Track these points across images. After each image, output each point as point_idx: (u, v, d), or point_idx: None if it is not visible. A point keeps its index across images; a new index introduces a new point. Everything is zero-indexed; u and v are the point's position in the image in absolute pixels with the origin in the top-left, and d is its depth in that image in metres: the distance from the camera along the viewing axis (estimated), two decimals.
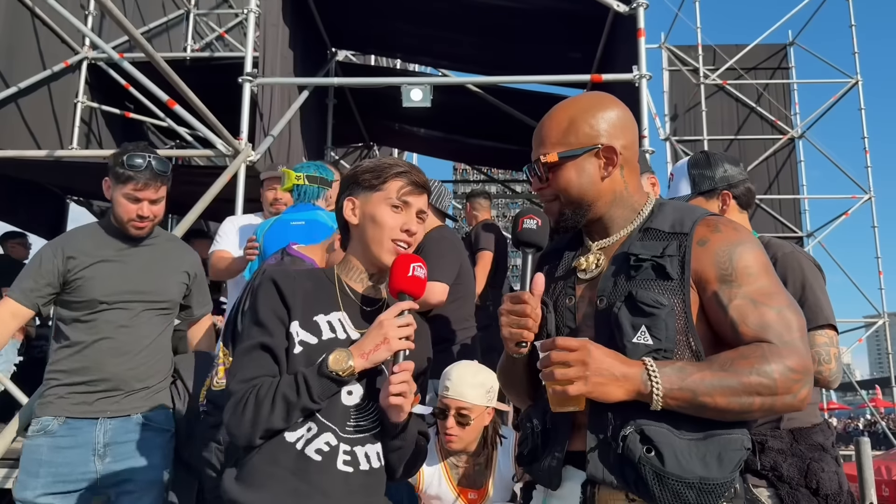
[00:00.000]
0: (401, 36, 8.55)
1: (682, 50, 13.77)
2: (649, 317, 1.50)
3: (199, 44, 10.90)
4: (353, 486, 1.72)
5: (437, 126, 9.90)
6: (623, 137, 1.68)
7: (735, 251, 1.55)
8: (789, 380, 1.44)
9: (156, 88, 6.24)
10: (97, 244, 2.95)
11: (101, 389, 2.85)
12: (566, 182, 1.66)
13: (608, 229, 1.69)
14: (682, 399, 1.44)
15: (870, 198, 12.89)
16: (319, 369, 1.69)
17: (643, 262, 1.56)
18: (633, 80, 6.20)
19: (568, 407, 1.48)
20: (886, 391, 22.62)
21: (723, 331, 1.54)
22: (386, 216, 1.83)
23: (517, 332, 1.56)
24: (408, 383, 1.69)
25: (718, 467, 1.43)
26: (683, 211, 1.67)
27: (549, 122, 1.72)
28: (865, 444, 3.84)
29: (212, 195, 5.63)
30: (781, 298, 1.54)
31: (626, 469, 1.45)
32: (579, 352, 1.44)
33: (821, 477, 2.21)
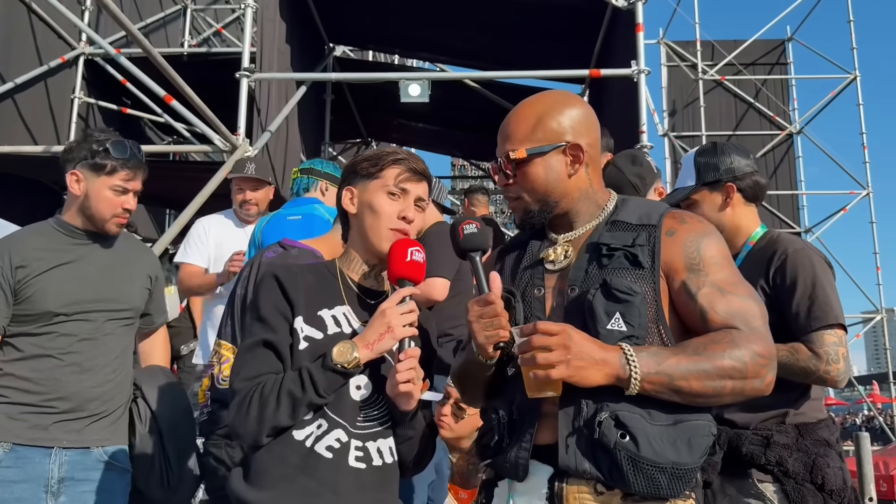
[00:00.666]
0: (398, 31, 8.53)
1: (681, 45, 13.76)
2: (623, 303, 1.52)
3: (196, 39, 10.86)
4: (366, 483, 1.70)
5: (434, 121, 9.88)
6: (588, 136, 1.70)
7: (702, 242, 1.60)
8: (758, 364, 1.49)
9: (153, 84, 6.22)
10: (49, 247, 2.57)
11: (59, 411, 2.47)
12: (533, 178, 1.67)
13: (573, 223, 1.70)
14: (659, 383, 1.46)
15: (868, 193, 12.91)
16: (324, 363, 1.66)
17: (615, 251, 1.59)
18: (631, 75, 6.19)
19: (546, 392, 1.48)
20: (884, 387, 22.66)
21: (691, 318, 1.57)
22: (383, 204, 1.81)
23: (493, 333, 1.55)
24: (415, 370, 1.66)
25: (689, 452, 1.47)
26: (648, 205, 1.71)
27: (516, 118, 1.72)
28: (865, 440, 3.84)
29: (209, 191, 5.62)
30: (745, 288, 1.60)
31: (600, 455, 1.46)
32: (560, 336, 1.45)
33: (826, 472, 2.20)
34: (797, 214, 13.25)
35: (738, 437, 2.27)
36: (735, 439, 2.28)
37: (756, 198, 2.50)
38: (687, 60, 13.57)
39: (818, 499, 2.19)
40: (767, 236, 2.45)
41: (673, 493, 1.47)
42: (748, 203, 2.49)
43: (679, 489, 1.47)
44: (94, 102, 8.48)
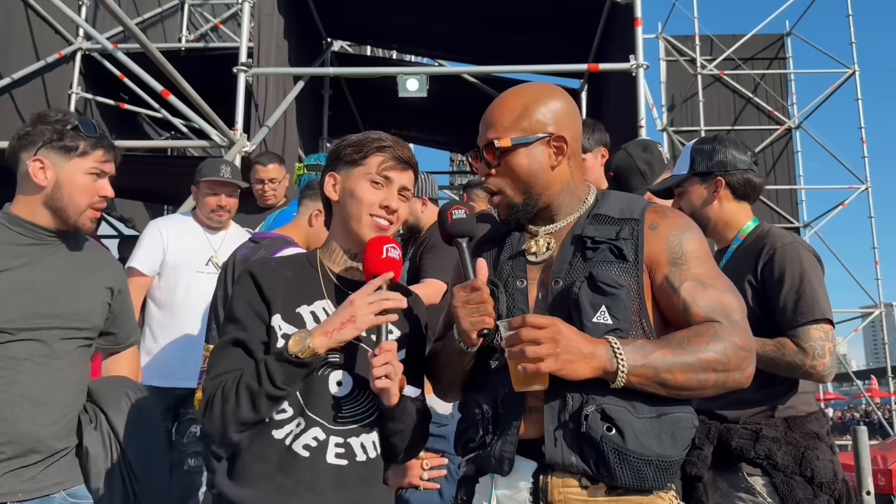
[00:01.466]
0: (396, 26, 8.51)
1: (680, 40, 13.74)
2: (609, 296, 1.53)
3: (193, 34, 10.84)
4: (348, 479, 1.67)
5: (433, 116, 9.87)
6: (571, 129, 1.69)
7: (684, 236, 1.61)
8: (739, 357, 1.51)
9: (150, 79, 6.21)
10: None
11: (10, 457, 2.00)
12: (517, 168, 1.66)
13: (554, 216, 1.70)
14: (645, 376, 1.47)
15: (866, 188, 12.91)
16: (279, 354, 1.61)
17: (600, 243, 1.59)
18: (629, 69, 6.19)
19: (533, 385, 1.48)
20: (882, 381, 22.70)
21: (673, 312, 1.58)
22: (365, 191, 1.76)
23: (479, 319, 1.55)
24: (391, 364, 1.60)
25: (673, 445, 1.49)
26: (629, 199, 1.71)
27: (501, 107, 1.70)
28: (863, 433, 3.84)
29: None
30: (724, 282, 1.62)
31: (587, 448, 1.47)
32: (549, 329, 1.44)
33: (815, 465, 2.21)
34: (796, 209, 13.25)
35: (728, 432, 2.28)
36: (725, 434, 2.28)
37: (746, 196, 2.48)
38: (685, 55, 13.56)
39: (807, 491, 2.19)
40: (758, 230, 2.44)
41: (658, 486, 1.49)
42: (738, 200, 2.47)
43: (664, 481, 1.49)
44: (92, 98, 8.47)
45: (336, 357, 1.72)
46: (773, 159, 13.20)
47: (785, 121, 13.22)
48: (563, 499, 1.50)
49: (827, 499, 2.20)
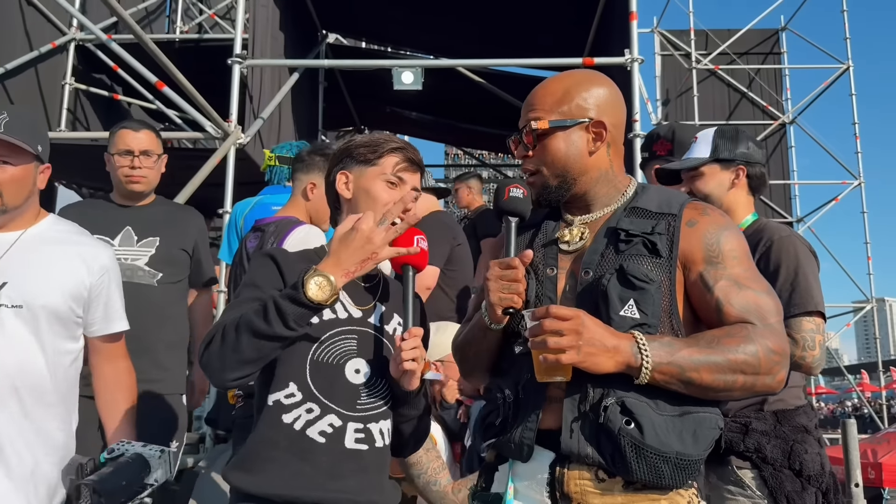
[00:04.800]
0: (391, 20, 8.49)
1: (675, 34, 13.74)
2: (638, 290, 1.51)
3: (188, 25, 10.80)
4: (367, 464, 1.70)
5: (428, 109, 9.87)
6: (613, 116, 1.68)
7: (722, 235, 1.58)
8: (771, 360, 1.48)
9: (144, 70, 6.19)
10: None
11: None
12: (554, 151, 1.65)
13: (590, 205, 1.68)
14: (670, 374, 1.45)
15: (860, 183, 12.95)
16: (294, 297, 1.58)
17: (634, 237, 1.56)
18: (624, 63, 6.19)
19: (555, 377, 1.47)
20: (873, 376, 22.82)
21: (705, 311, 1.56)
22: (381, 191, 1.81)
23: (507, 296, 1.55)
24: (419, 349, 1.66)
25: (694, 444, 1.46)
26: (669, 193, 1.68)
27: (543, 90, 1.70)
28: (852, 426, 3.88)
29: (201, 178, 5.61)
30: (762, 284, 1.58)
31: (603, 441, 1.45)
32: (573, 321, 1.43)
33: (804, 458, 2.22)
34: (789, 204, 13.28)
35: None
36: None
37: (758, 189, 2.53)
38: (681, 49, 13.55)
39: (796, 484, 2.20)
40: (756, 224, 2.47)
41: (676, 484, 1.45)
42: (750, 192, 2.52)
43: (682, 480, 1.45)
44: (86, 89, 8.43)
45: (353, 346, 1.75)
46: (767, 154, 13.21)
47: (779, 116, 13.23)
48: (580, 490, 1.49)
49: (814, 491, 2.21)
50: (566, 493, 1.50)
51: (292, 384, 1.70)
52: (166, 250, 3.13)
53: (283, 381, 1.71)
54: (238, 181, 5.94)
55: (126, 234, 3.09)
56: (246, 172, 6.11)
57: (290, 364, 1.72)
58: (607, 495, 1.48)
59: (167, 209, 3.33)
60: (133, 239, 3.10)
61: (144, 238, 3.11)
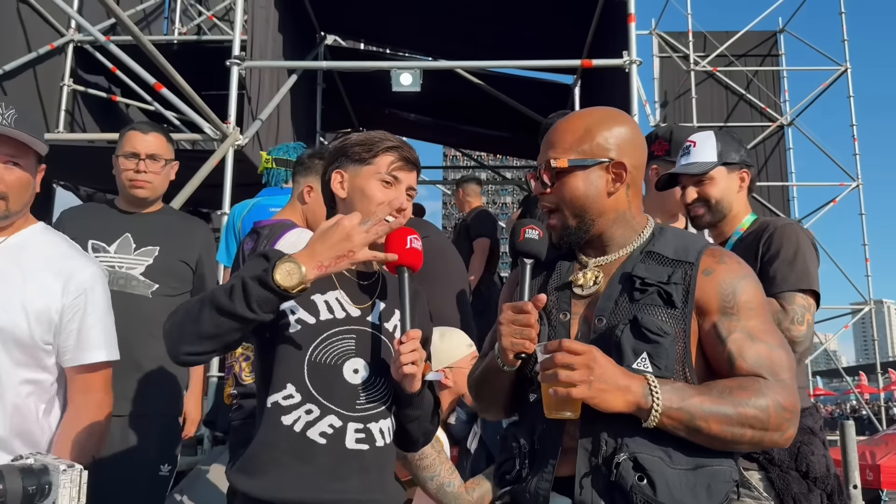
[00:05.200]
0: (389, 21, 8.49)
1: (673, 36, 13.75)
2: (652, 343, 1.49)
3: (186, 27, 10.79)
4: (368, 464, 1.70)
5: (426, 111, 9.87)
6: (633, 157, 1.65)
7: (739, 284, 1.56)
8: (781, 417, 1.46)
9: (143, 71, 6.19)
10: None
11: None
12: (572, 190, 1.63)
13: (606, 247, 1.66)
14: (679, 420, 1.43)
15: (858, 185, 12.96)
16: (263, 282, 1.55)
17: (649, 286, 1.54)
18: (622, 65, 6.19)
19: (564, 412, 1.46)
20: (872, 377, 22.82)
21: (718, 362, 1.54)
22: (376, 191, 1.79)
23: (520, 342, 1.54)
24: (418, 351, 1.65)
25: (707, 499, 1.44)
26: (686, 238, 1.67)
27: (564, 126, 1.68)
28: (850, 428, 3.89)
29: (199, 179, 5.60)
30: (776, 338, 1.56)
31: (616, 497, 1.44)
32: (585, 356, 1.42)
33: (810, 460, 2.23)
34: (787, 206, 13.27)
35: None
36: None
37: (752, 190, 2.59)
38: (679, 51, 13.56)
39: (802, 486, 2.21)
40: (758, 222, 2.51)
41: None
42: (749, 194, 2.57)
43: None
44: (84, 90, 8.42)
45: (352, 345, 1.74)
46: (765, 156, 13.23)
47: (777, 118, 13.25)
48: None
49: (820, 493, 2.23)
50: None
51: (290, 385, 1.69)
52: (165, 261, 2.94)
53: (281, 382, 1.70)
54: (236, 183, 5.94)
55: (124, 241, 2.91)
56: (244, 174, 6.10)
57: (287, 365, 1.71)
58: None
59: (172, 218, 3.14)
60: (131, 247, 2.92)
61: (143, 246, 2.92)
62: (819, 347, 15.28)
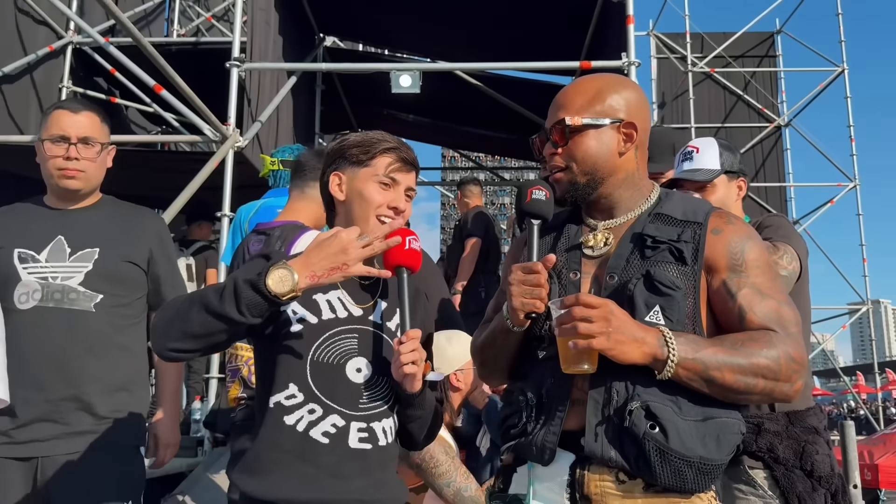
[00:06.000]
0: (388, 23, 8.50)
1: (670, 37, 13.76)
2: (665, 297, 1.52)
3: (185, 28, 10.79)
4: (371, 463, 1.69)
5: (425, 112, 9.87)
6: (642, 119, 1.69)
7: (746, 244, 1.60)
8: (791, 368, 1.49)
9: (142, 73, 6.19)
10: None
11: None
12: (585, 149, 1.64)
13: (613, 210, 1.68)
14: (693, 370, 1.46)
15: (855, 186, 12.98)
16: (255, 285, 1.55)
17: (661, 243, 1.57)
18: (621, 67, 6.21)
19: (582, 366, 1.47)
20: (869, 377, 22.85)
21: (727, 318, 1.57)
22: (374, 193, 1.78)
23: (530, 301, 1.55)
24: (417, 351, 1.65)
25: (717, 449, 1.46)
26: (693, 202, 1.69)
27: (575, 89, 1.71)
28: (850, 428, 3.90)
29: (199, 181, 5.61)
30: (783, 295, 1.59)
31: (628, 444, 1.46)
32: (602, 308, 1.44)
33: (815, 459, 2.25)
34: (785, 206, 13.29)
35: None
36: None
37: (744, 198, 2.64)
38: (677, 52, 13.57)
39: (807, 485, 2.23)
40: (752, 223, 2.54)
41: (698, 488, 1.47)
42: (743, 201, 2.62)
43: (705, 484, 1.47)
44: (83, 92, 8.42)
45: (354, 345, 1.74)
46: (762, 157, 13.25)
47: (774, 118, 13.26)
48: (600, 492, 1.49)
49: (824, 492, 2.24)
50: (586, 494, 1.50)
51: (293, 385, 1.69)
52: (108, 264, 2.43)
53: (283, 382, 1.70)
54: (236, 185, 5.94)
55: (56, 246, 2.41)
56: (244, 176, 6.11)
57: (289, 365, 1.71)
58: (628, 497, 1.48)
59: (113, 211, 2.59)
60: (65, 252, 2.41)
61: (80, 250, 2.43)
62: (817, 348, 15.31)
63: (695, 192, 2.51)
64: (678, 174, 2.60)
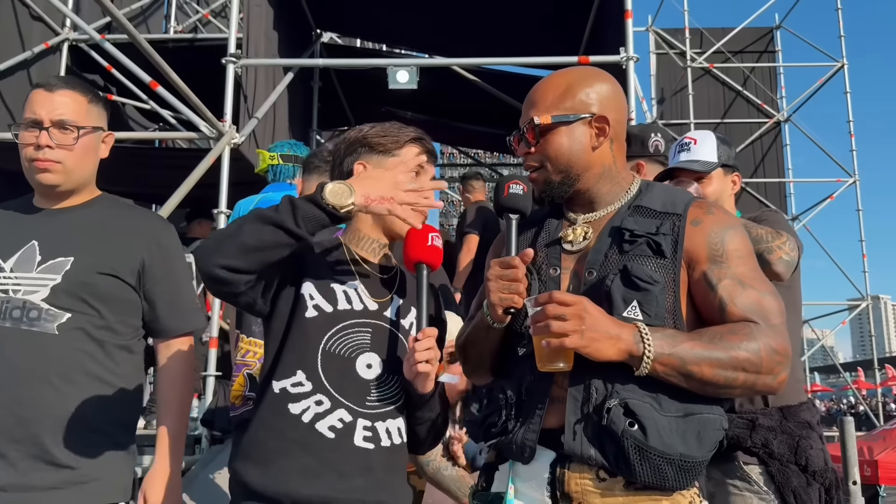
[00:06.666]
0: (385, 18, 8.47)
1: (670, 33, 13.74)
2: (642, 292, 1.50)
3: (182, 24, 10.76)
4: (373, 463, 1.66)
5: (423, 109, 9.84)
6: (615, 112, 1.67)
7: (727, 234, 1.57)
8: (773, 360, 1.46)
9: (138, 70, 6.16)
10: None
11: None
12: (557, 147, 1.63)
13: (593, 203, 1.67)
14: (671, 365, 1.43)
15: (854, 181, 12.97)
16: (312, 197, 1.57)
17: (638, 237, 1.55)
18: (619, 61, 6.18)
19: (557, 364, 1.46)
20: (869, 373, 22.88)
21: (708, 310, 1.54)
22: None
23: (508, 297, 1.54)
24: (433, 350, 1.63)
25: (698, 446, 1.44)
26: (673, 192, 1.67)
27: (544, 86, 1.69)
28: (849, 424, 3.88)
29: (195, 178, 5.58)
30: (766, 285, 1.57)
31: (607, 443, 1.44)
32: (576, 306, 1.43)
33: (809, 454, 2.25)
34: (784, 202, 13.28)
35: None
36: None
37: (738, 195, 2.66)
38: (675, 48, 13.55)
39: (802, 479, 2.23)
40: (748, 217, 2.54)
41: (679, 485, 1.45)
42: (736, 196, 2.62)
43: (686, 482, 1.45)
44: None
45: (367, 339, 1.71)
46: (762, 152, 13.23)
47: (774, 114, 13.25)
48: (580, 490, 1.48)
49: (818, 487, 2.24)
50: (567, 492, 1.49)
51: (301, 372, 1.66)
52: (80, 276, 1.96)
53: (290, 368, 1.66)
54: (232, 181, 5.92)
55: (26, 254, 1.98)
56: (240, 172, 6.08)
57: (299, 352, 1.67)
58: (608, 495, 1.47)
59: (106, 212, 2.13)
60: (34, 260, 1.97)
61: (52, 258, 1.98)
62: (816, 343, 15.31)
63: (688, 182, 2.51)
64: (674, 164, 2.59)
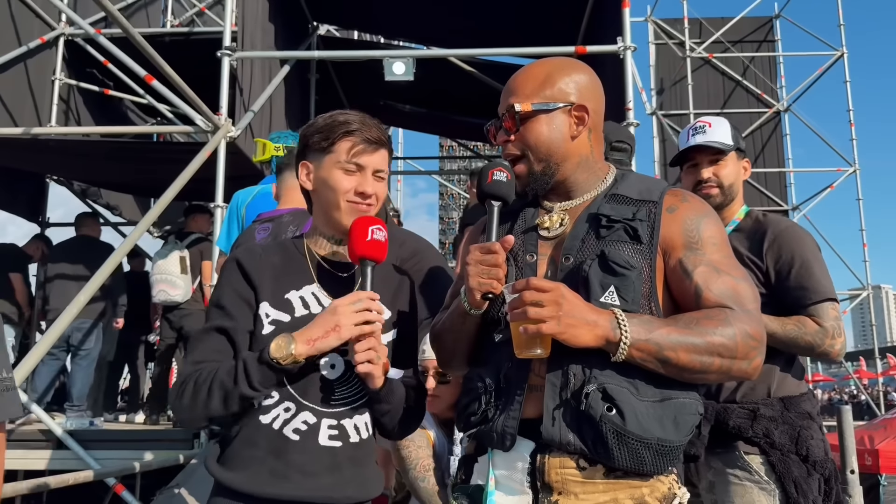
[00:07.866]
0: (382, 8, 8.43)
1: (668, 23, 13.70)
2: (619, 277, 1.50)
3: (178, 19, 10.73)
4: (341, 460, 1.67)
5: (421, 101, 9.82)
6: (594, 102, 1.68)
7: (702, 221, 1.58)
8: (748, 346, 1.47)
9: (134, 64, 6.14)
10: None
11: None
12: (537, 135, 1.63)
13: (571, 192, 1.67)
14: (647, 351, 1.44)
15: (855, 170, 12.95)
16: (260, 356, 1.60)
17: (615, 223, 1.56)
18: (617, 51, 6.15)
19: (534, 350, 1.46)
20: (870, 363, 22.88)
21: (684, 296, 1.55)
22: (338, 180, 1.72)
23: (487, 282, 1.53)
24: (374, 350, 1.61)
25: (675, 430, 1.45)
26: (649, 181, 1.68)
27: (524, 75, 1.69)
28: (847, 412, 3.87)
29: (191, 172, 5.56)
30: (740, 271, 1.58)
31: (585, 428, 1.44)
32: (553, 292, 1.43)
33: (810, 444, 2.25)
34: (784, 192, 13.27)
35: (725, 411, 2.31)
36: (722, 413, 2.31)
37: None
38: (675, 38, 13.51)
39: (802, 469, 2.24)
40: (752, 215, 2.51)
41: (657, 470, 1.45)
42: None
43: (663, 466, 1.45)
44: (76, 84, 8.37)
45: None
46: (762, 142, 13.20)
47: (774, 104, 13.21)
48: (561, 479, 1.48)
49: (818, 477, 2.24)
50: (547, 481, 1.49)
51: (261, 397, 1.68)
52: None
53: None
54: (229, 175, 5.90)
55: None
56: (237, 166, 6.07)
57: None
58: (588, 483, 1.47)
59: None
60: None
61: None
62: None
63: (709, 165, 2.49)
64: (693, 143, 2.55)
